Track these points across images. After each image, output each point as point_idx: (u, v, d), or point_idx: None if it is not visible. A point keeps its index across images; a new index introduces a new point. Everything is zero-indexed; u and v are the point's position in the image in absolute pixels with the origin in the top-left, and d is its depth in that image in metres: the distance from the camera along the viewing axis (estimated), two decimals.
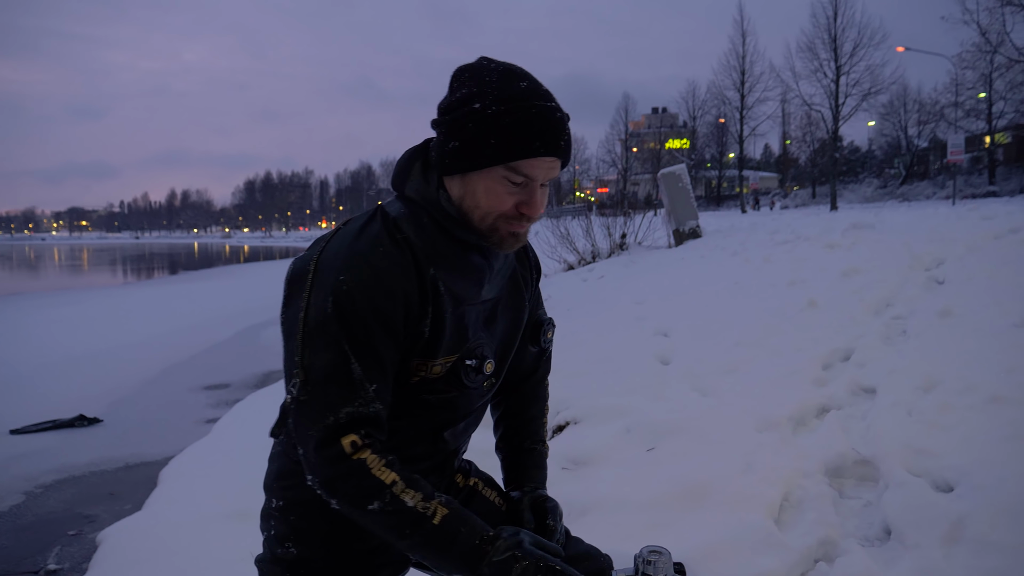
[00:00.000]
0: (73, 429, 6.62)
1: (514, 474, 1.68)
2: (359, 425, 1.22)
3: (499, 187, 1.27)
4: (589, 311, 8.59)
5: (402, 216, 1.33)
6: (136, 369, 9.37)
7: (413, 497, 1.21)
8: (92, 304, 17.61)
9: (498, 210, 1.28)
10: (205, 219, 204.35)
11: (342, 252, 1.26)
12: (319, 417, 1.21)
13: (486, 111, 1.23)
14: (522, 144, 1.23)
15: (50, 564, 3.95)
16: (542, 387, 1.76)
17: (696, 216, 16.42)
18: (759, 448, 3.37)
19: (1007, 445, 2.93)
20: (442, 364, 1.35)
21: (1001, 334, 4.41)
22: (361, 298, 1.22)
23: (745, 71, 51.34)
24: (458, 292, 1.34)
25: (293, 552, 1.43)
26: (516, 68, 1.30)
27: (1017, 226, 9.28)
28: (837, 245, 10.35)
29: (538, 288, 1.69)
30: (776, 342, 5.32)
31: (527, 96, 1.25)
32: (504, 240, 1.33)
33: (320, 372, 1.21)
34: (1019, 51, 27.19)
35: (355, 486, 1.20)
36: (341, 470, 1.21)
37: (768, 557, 2.50)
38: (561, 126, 1.27)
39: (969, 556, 2.30)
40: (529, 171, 1.26)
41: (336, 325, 1.21)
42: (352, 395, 1.22)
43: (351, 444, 1.21)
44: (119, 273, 38.40)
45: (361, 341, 1.22)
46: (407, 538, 1.22)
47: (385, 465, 1.22)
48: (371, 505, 1.20)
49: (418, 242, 1.30)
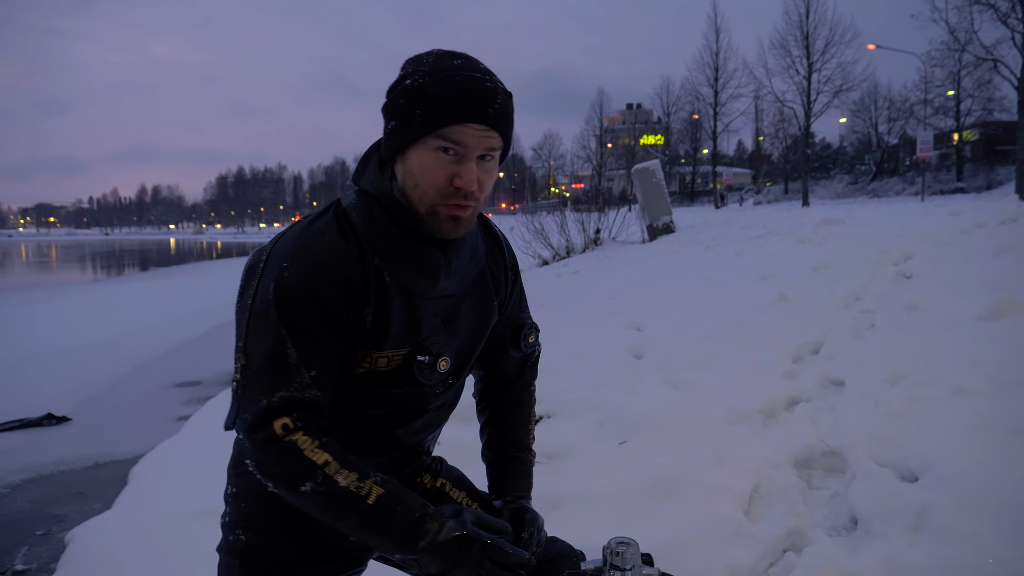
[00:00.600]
0: (41, 428, 6.52)
1: (497, 482, 1.66)
2: (292, 409, 1.22)
3: (431, 159, 1.26)
4: (563, 306, 8.61)
5: (352, 207, 1.34)
6: (106, 367, 9.25)
7: (346, 477, 1.20)
8: (60, 301, 17.36)
9: (433, 186, 1.27)
10: (177, 215, 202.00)
11: (289, 242, 1.28)
12: (255, 401, 1.22)
13: (415, 84, 1.25)
14: (446, 110, 1.23)
15: (17, 564, 3.90)
16: (527, 394, 1.73)
17: (670, 212, 16.52)
18: (729, 440, 3.41)
19: (971, 435, 2.99)
20: (389, 357, 1.33)
21: (966, 327, 4.49)
22: (300, 286, 1.23)
23: (719, 68, 51.72)
24: (409, 285, 1.33)
25: (243, 540, 1.43)
26: (459, 52, 1.30)
27: (983, 221, 9.43)
28: (808, 240, 10.46)
29: (519, 289, 1.66)
30: (747, 336, 5.37)
31: (457, 69, 1.26)
32: (443, 223, 1.31)
33: (258, 357, 1.23)
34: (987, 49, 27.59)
35: (287, 468, 1.20)
36: (273, 452, 1.21)
37: (737, 548, 2.53)
38: (488, 94, 1.26)
39: (933, 544, 2.34)
40: (458, 137, 1.25)
41: (275, 311, 1.23)
42: (287, 379, 1.23)
43: (283, 427, 1.21)
44: (88, 270, 37.86)
45: (299, 327, 1.23)
46: (343, 519, 1.21)
47: (319, 447, 1.21)
48: (303, 487, 1.20)
49: (365, 232, 1.31)
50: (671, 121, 65.78)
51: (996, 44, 27.52)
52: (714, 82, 51.94)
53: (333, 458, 1.21)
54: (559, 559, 1.59)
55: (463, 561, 1.17)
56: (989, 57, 27.50)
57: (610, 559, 1.27)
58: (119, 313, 14.79)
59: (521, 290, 1.67)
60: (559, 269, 13.35)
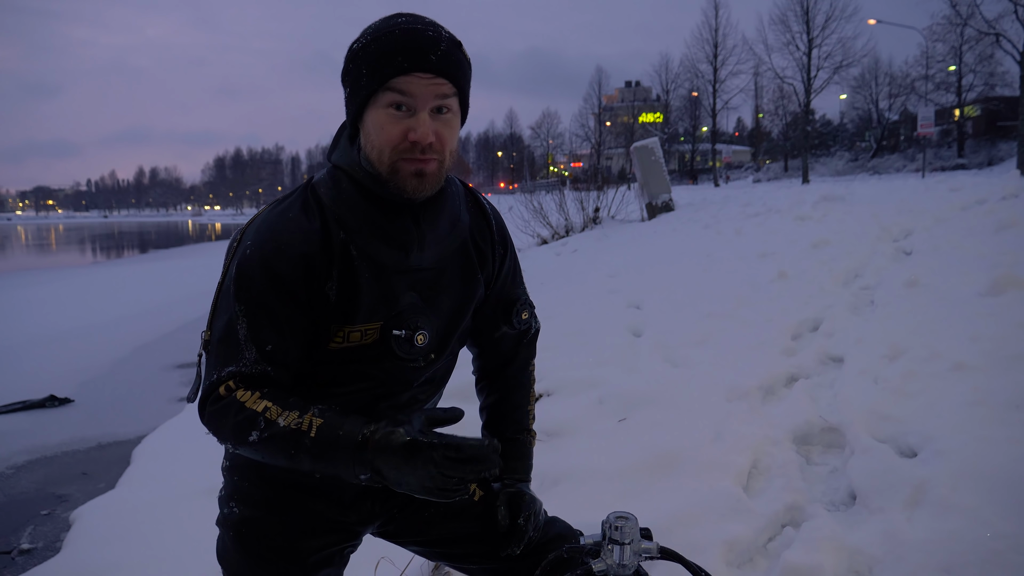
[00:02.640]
0: (44, 410, 6.56)
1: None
2: (239, 380, 1.25)
3: (384, 117, 1.26)
4: (562, 284, 8.62)
5: (321, 182, 1.36)
6: (107, 349, 9.28)
7: (287, 418, 1.20)
8: (61, 284, 17.37)
9: (389, 143, 1.26)
10: (175, 197, 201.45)
11: (257, 223, 1.32)
12: (208, 375, 1.28)
13: (358, 46, 1.26)
14: (387, 62, 1.23)
15: (23, 543, 3.93)
16: (525, 374, 1.71)
17: (669, 189, 16.48)
18: (728, 417, 3.42)
19: (969, 411, 3.00)
20: (362, 331, 1.33)
21: (966, 303, 4.49)
22: (258, 263, 1.26)
23: (718, 44, 51.34)
24: (379, 258, 1.32)
25: (236, 512, 1.44)
26: (405, 12, 1.30)
27: (983, 197, 9.42)
28: (808, 217, 10.45)
29: (512, 264, 1.63)
30: (746, 313, 5.38)
31: (397, 24, 1.26)
32: (407, 181, 1.29)
33: (217, 333, 1.28)
34: (989, 23, 27.37)
35: (233, 423, 1.22)
36: (216, 411, 1.24)
37: (736, 523, 2.54)
38: (430, 41, 1.25)
39: (931, 519, 2.35)
40: (405, 87, 1.24)
41: (234, 288, 1.27)
42: (237, 355, 1.25)
43: (225, 388, 1.24)
44: (88, 253, 37.81)
45: (254, 303, 1.26)
46: (295, 459, 1.20)
47: (259, 397, 1.22)
48: (251, 436, 1.20)
49: (332, 206, 1.32)
50: (670, 99, 65.42)
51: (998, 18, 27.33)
52: (713, 59, 51.60)
53: (273, 403, 1.21)
54: (558, 539, 1.59)
55: (418, 464, 1.12)
56: (991, 31, 27.29)
57: (609, 534, 1.27)
58: (119, 295, 14.80)
59: (515, 265, 1.64)
60: (558, 248, 13.34)
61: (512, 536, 1.53)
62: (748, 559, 2.47)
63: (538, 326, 1.74)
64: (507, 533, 1.54)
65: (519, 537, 1.52)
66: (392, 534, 1.61)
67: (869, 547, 2.31)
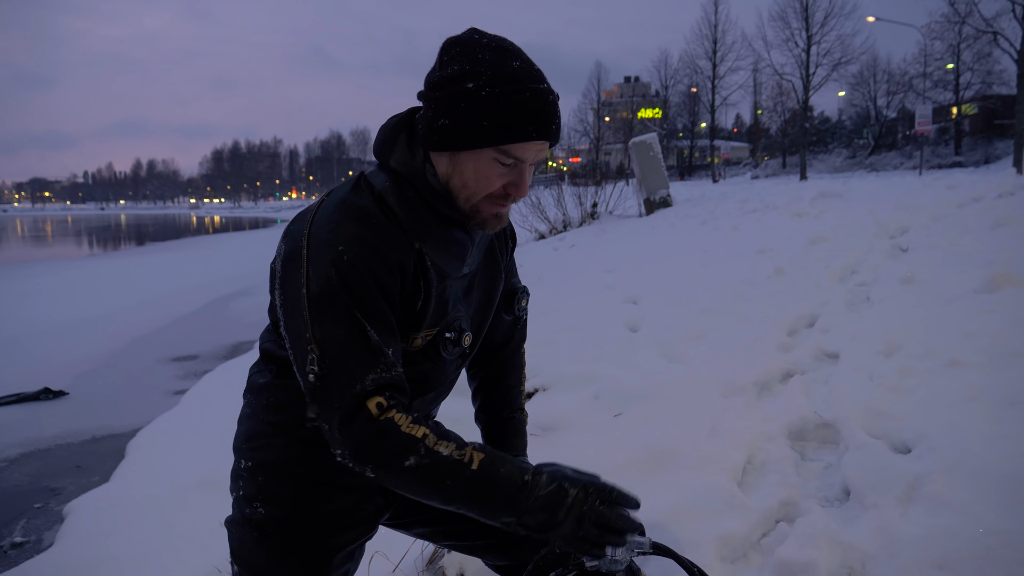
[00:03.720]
0: (38, 402, 6.54)
1: (494, 443, 1.70)
2: (384, 389, 1.21)
3: (489, 169, 1.26)
4: (560, 279, 8.61)
5: (387, 189, 1.31)
6: (103, 341, 9.27)
7: (447, 447, 1.19)
8: (57, 276, 17.32)
9: (486, 191, 1.28)
10: (172, 189, 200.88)
11: (335, 225, 1.25)
12: (345, 388, 1.19)
13: (480, 92, 1.21)
14: (516, 128, 1.22)
15: (16, 537, 3.93)
16: (518, 355, 1.76)
17: (667, 185, 16.47)
18: (724, 413, 3.42)
19: (964, 407, 2.99)
20: (423, 337, 1.36)
21: (961, 300, 4.49)
22: (364, 268, 1.21)
23: (717, 40, 51.33)
24: (442, 266, 1.35)
25: (261, 512, 1.43)
26: (508, 44, 1.27)
27: (980, 195, 9.42)
28: (805, 214, 10.45)
29: (513, 257, 1.69)
30: (743, 309, 5.38)
31: (521, 79, 1.23)
32: (487, 221, 1.33)
33: (337, 344, 1.20)
34: (987, 22, 27.33)
35: (387, 446, 1.18)
36: (371, 433, 1.19)
37: (731, 518, 2.54)
38: (553, 109, 1.26)
39: (924, 515, 2.35)
40: (520, 154, 1.26)
41: (345, 296, 1.20)
42: (374, 362, 1.21)
43: (377, 406, 1.19)
44: (84, 245, 37.74)
45: (371, 308, 1.22)
46: (447, 489, 1.19)
47: (413, 422, 1.20)
48: (408, 461, 1.18)
49: (403, 215, 1.29)
50: (669, 94, 65.34)
51: (996, 16, 27.29)
52: (712, 55, 51.59)
53: (431, 431, 1.21)
54: None
55: (570, 509, 1.18)
56: (989, 30, 27.25)
57: None
58: (116, 288, 14.77)
59: (513, 257, 1.71)
60: (556, 243, 13.33)
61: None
62: (742, 555, 2.47)
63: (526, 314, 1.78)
64: None
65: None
66: (399, 517, 1.63)
67: (863, 543, 2.32)
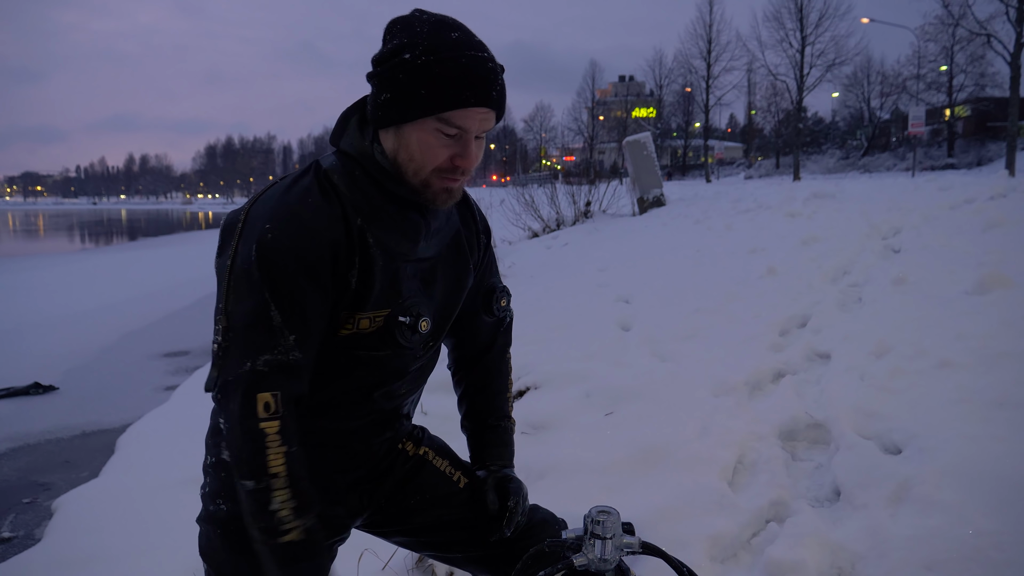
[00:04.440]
0: (28, 397, 6.51)
1: (479, 452, 1.67)
2: (277, 375, 1.21)
3: (432, 139, 1.26)
4: (552, 278, 8.61)
5: (334, 168, 1.32)
6: (93, 336, 9.23)
7: (282, 502, 1.19)
8: (48, 271, 17.25)
9: (432, 163, 1.28)
10: (165, 185, 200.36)
11: (270, 203, 1.26)
12: (238, 363, 1.21)
13: (416, 61, 1.22)
14: (453, 94, 1.22)
15: (4, 532, 3.90)
16: (503, 361, 1.73)
17: (660, 184, 16.50)
18: (715, 412, 3.42)
19: (953, 408, 3.00)
20: (371, 318, 1.33)
21: (953, 301, 4.50)
22: (285, 247, 1.21)
23: (712, 40, 51.30)
24: (391, 246, 1.33)
25: (224, 509, 1.41)
26: (448, 19, 1.28)
27: (972, 197, 9.46)
28: (798, 214, 10.48)
29: (491, 255, 1.66)
30: (735, 308, 5.38)
31: (458, 46, 1.24)
32: (438, 195, 1.32)
33: (241, 319, 1.21)
34: (980, 24, 27.41)
35: (247, 450, 1.19)
36: (243, 427, 1.20)
37: (721, 518, 2.55)
38: (493, 76, 1.26)
39: (914, 515, 2.36)
40: (462, 122, 1.25)
41: (259, 273, 1.21)
42: (272, 343, 1.21)
43: (264, 406, 1.19)
44: (76, 239, 37.59)
45: (283, 289, 1.21)
46: (250, 532, 1.22)
47: (284, 454, 1.20)
48: (247, 481, 1.19)
49: (348, 194, 1.30)
50: (663, 94, 65.39)
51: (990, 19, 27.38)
52: (707, 55, 51.57)
53: (287, 472, 1.20)
54: (541, 525, 1.61)
55: None
56: (983, 32, 27.34)
57: (591, 528, 1.27)
58: (107, 283, 14.72)
59: (492, 256, 1.67)
60: (549, 241, 13.33)
61: (502, 519, 1.54)
62: (732, 554, 2.47)
63: (512, 315, 1.75)
64: (496, 517, 1.55)
65: (509, 519, 1.53)
66: (377, 524, 1.61)
67: (852, 543, 2.32)
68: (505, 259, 10.39)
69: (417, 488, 1.58)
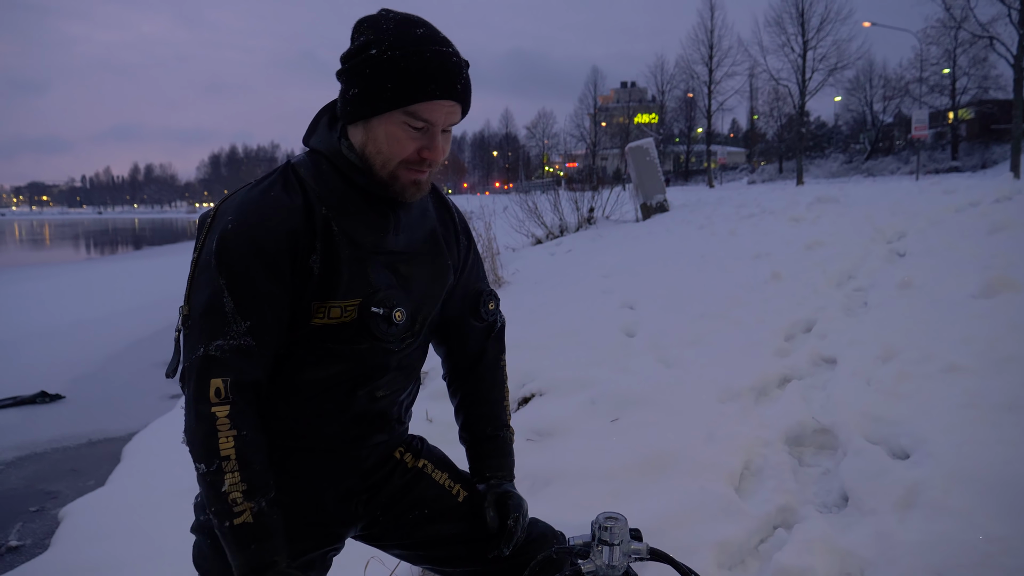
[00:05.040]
0: (34, 406, 6.53)
1: (479, 463, 1.65)
2: (229, 360, 1.24)
3: (399, 132, 1.29)
4: (556, 284, 8.60)
5: (301, 164, 1.38)
6: (99, 345, 9.25)
7: (233, 485, 1.21)
8: (54, 280, 17.29)
9: (399, 156, 1.31)
10: (170, 194, 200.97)
11: (237, 198, 1.33)
12: (192, 348, 1.26)
13: (382, 56, 1.26)
14: (419, 87, 1.26)
15: (11, 540, 3.91)
16: (497, 369, 1.71)
17: (663, 190, 16.47)
18: (721, 418, 3.41)
19: (962, 412, 2.99)
20: (342, 307, 1.34)
21: (959, 305, 4.49)
22: (243, 237, 1.26)
23: (713, 45, 51.42)
24: (357, 237, 1.35)
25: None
26: (414, 16, 1.32)
27: (977, 200, 9.44)
28: (802, 219, 10.45)
29: (475, 258, 1.66)
30: (740, 314, 5.37)
31: (423, 41, 1.28)
32: (406, 188, 1.35)
33: (198, 307, 1.28)
34: (983, 27, 27.43)
35: (199, 432, 1.23)
36: (195, 411, 1.24)
37: (728, 524, 2.54)
38: (457, 70, 1.30)
39: (923, 521, 2.35)
40: (428, 115, 1.29)
41: (216, 262, 1.26)
42: (224, 328, 1.25)
43: (215, 391, 1.23)
44: (82, 249, 37.69)
45: (237, 277, 1.26)
46: (208, 510, 1.24)
47: (235, 438, 1.22)
48: (199, 465, 1.23)
49: (314, 186, 1.34)
50: (666, 100, 65.48)
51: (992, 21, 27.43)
52: (709, 60, 51.69)
53: (236, 455, 1.22)
54: (541, 539, 1.60)
55: None
56: (985, 35, 27.36)
57: (598, 534, 1.27)
58: (113, 291, 14.75)
59: (477, 259, 1.67)
60: (552, 248, 13.32)
61: (501, 537, 1.52)
62: (739, 561, 2.46)
63: (503, 320, 1.74)
64: (496, 535, 1.53)
65: (508, 538, 1.51)
66: (375, 537, 1.60)
67: (861, 549, 2.31)
68: (509, 266, 10.38)
69: (415, 502, 1.57)
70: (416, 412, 4.07)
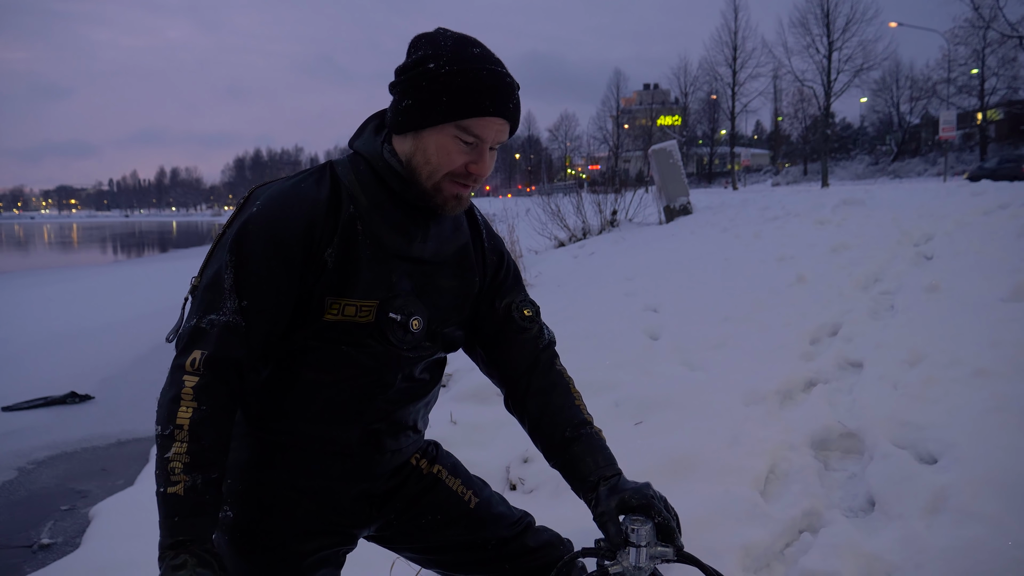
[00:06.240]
0: (65, 406, 6.62)
1: (574, 472, 1.48)
2: (216, 334, 1.26)
3: (450, 144, 1.32)
4: (579, 287, 8.60)
5: (340, 162, 1.42)
6: (127, 346, 9.36)
7: (179, 455, 1.21)
8: (83, 282, 17.53)
9: (447, 167, 1.33)
10: (195, 197, 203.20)
11: (271, 187, 1.37)
12: (189, 317, 1.30)
13: (439, 71, 1.29)
14: (473, 103, 1.29)
15: (43, 539, 3.97)
16: (553, 372, 1.58)
17: (687, 192, 16.42)
18: (746, 421, 3.40)
19: (990, 417, 2.97)
20: (357, 307, 1.34)
21: (987, 308, 4.44)
22: (262, 222, 1.31)
23: (737, 47, 51.17)
24: (381, 238, 1.36)
25: (230, 516, 1.43)
26: (470, 37, 1.36)
27: (1006, 202, 9.32)
28: (827, 221, 10.37)
29: (512, 274, 1.61)
30: (765, 317, 5.35)
31: (480, 60, 1.32)
32: (447, 201, 1.37)
33: (206, 279, 1.32)
34: (1012, 26, 27.10)
35: (165, 400, 1.25)
36: (170, 377, 1.26)
37: (753, 528, 2.53)
38: (510, 90, 1.33)
39: (951, 526, 2.33)
40: (480, 131, 1.31)
41: (232, 242, 1.30)
42: (219, 303, 1.28)
43: (191, 361, 1.25)
44: (109, 251, 38.17)
45: (244, 257, 1.29)
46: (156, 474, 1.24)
47: (194, 410, 1.23)
48: (157, 426, 1.24)
49: (347, 185, 1.37)
50: (689, 101, 65.26)
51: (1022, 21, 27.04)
52: (732, 62, 51.44)
53: (189, 427, 1.22)
54: (546, 547, 1.62)
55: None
56: (1014, 34, 27.01)
57: (627, 535, 1.28)
58: (140, 293, 14.92)
59: (515, 274, 1.62)
60: (575, 251, 13.32)
61: (668, 536, 1.34)
62: (765, 564, 2.45)
63: (553, 336, 1.63)
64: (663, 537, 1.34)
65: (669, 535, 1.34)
66: (387, 539, 1.62)
67: (888, 554, 2.30)
68: (532, 268, 10.39)
69: (429, 507, 1.58)
70: (440, 415, 4.08)
